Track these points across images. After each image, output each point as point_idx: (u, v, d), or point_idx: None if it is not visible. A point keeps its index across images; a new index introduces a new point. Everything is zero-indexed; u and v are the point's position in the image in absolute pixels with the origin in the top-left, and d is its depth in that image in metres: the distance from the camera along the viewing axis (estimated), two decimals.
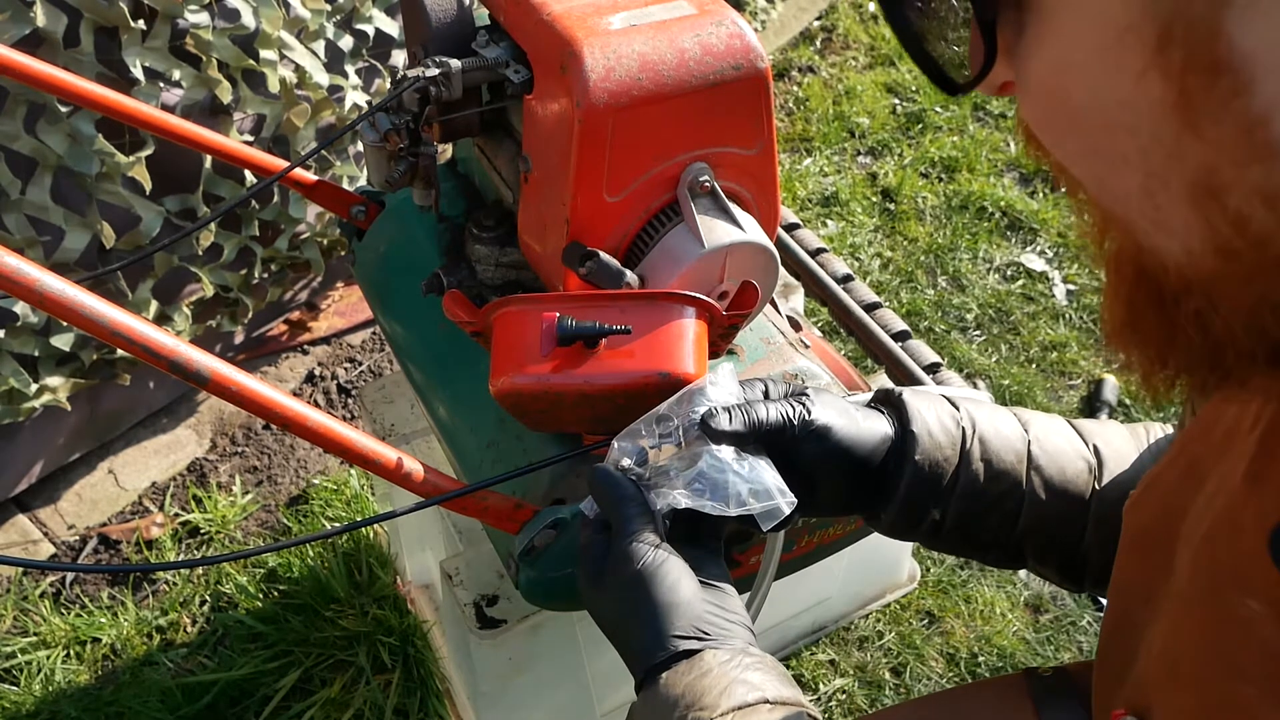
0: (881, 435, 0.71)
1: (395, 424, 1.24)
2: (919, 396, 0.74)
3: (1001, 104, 2.58)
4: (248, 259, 1.72)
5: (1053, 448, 0.74)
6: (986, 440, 0.73)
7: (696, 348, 0.72)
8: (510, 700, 1.07)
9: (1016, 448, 0.73)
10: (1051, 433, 0.75)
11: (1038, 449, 0.73)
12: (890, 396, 0.75)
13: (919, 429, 0.71)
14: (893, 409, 0.73)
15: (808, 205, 2.31)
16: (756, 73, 0.77)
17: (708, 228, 0.77)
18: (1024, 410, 0.78)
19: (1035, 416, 0.77)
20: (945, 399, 0.76)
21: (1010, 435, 0.74)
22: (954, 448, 0.71)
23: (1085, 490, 0.73)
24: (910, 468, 0.70)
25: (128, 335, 0.62)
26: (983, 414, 0.75)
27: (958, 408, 0.74)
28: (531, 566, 0.80)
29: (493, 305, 0.74)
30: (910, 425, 0.71)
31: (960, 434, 0.72)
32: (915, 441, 0.70)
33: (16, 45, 1.26)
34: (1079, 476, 0.73)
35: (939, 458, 0.71)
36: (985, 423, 0.74)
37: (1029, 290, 2.12)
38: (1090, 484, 0.73)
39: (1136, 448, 0.76)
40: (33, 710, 1.44)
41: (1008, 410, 0.77)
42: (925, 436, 0.71)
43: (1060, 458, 0.73)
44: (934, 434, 0.71)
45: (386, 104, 0.83)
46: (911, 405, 0.72)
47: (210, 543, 1.67)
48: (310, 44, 1.64)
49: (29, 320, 1.44)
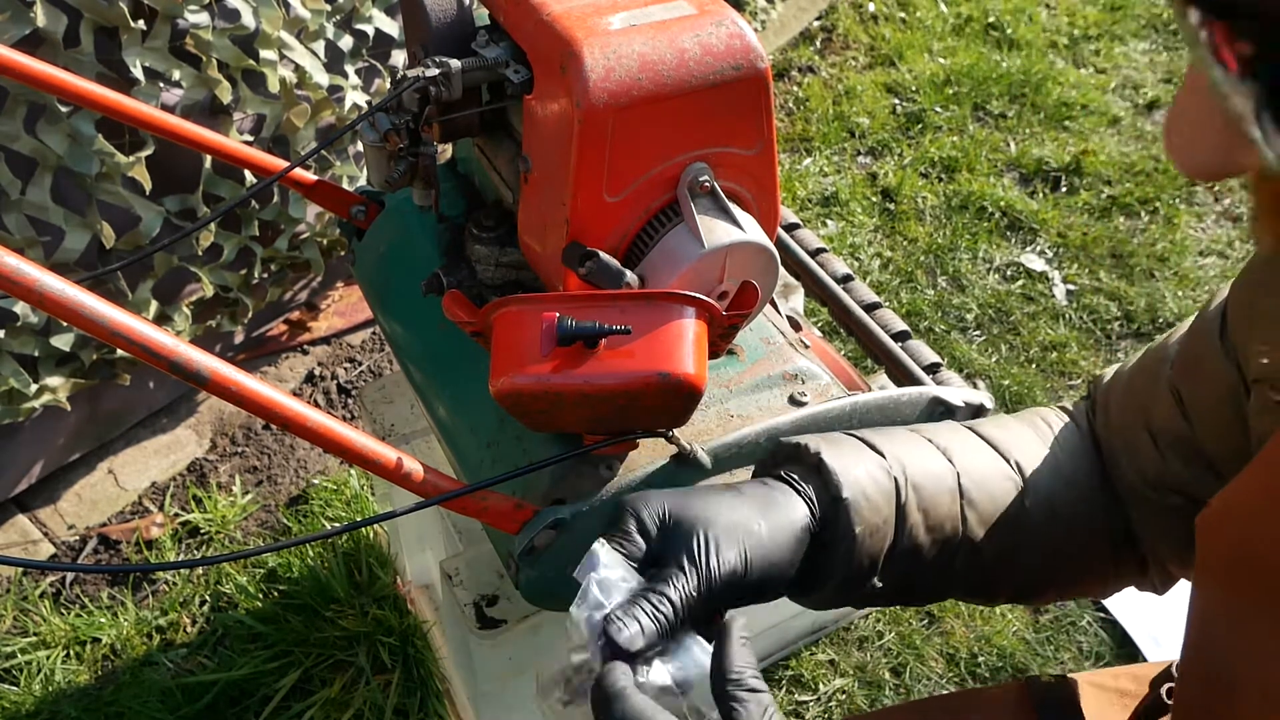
0: (798, 532, 0.62)
1: (395, 424, 1.24)
2: (837, 452, 0.65)
3: (1001, 104, 2.58)
4: (248, 259, 1.72)
5: (980, 475, 0.69)
6: (920, 487, 0.66)
7: (696, 348, 0.72)
8: (510, 700, 1.07)
9: (948, 484, 0.68)
10: (973, 456, 0.70)
11: (967, 481, 0.68)
12: (802, 455, 0.66)
13: (852, 495, 0.63)
14: (811, 474, 0.65)
15: (808, 205, 2.31)
16: (756, 73, 0.77)
17: (708, 228, 0.77)
18: (936, 430, 0.73)
19: (951, 440, 0.71)
20: (859, 440, 0.68)
21: (939, 471, 0.68)
22: (890, 505, 0.65)
23: (1016, 513, 0.70)
24: (845, 545, 0.62)
25: (128, 335, 0.62)
26: (906, 453, 0.68)
27: (880, 452, 0.67)
28: (531, 566, 0.80)
29: (493, 305, 0.74)
30: (843, 493, 0.63)
31: (893, 486, 0.65)
32: (851, 512, 0.62)
33: (16, 45, 1.26)
34: (1007, 497, 0.69)
35: (877, 521, 0.64)
36: (913, 465, 0.67)
37: (1029, 290, 2.12)
38: (1019, 504, 0.70)
39: (1043, 445, 0.74)
40: (33, 710, 1.44)
41: (918, 437, 0.71)
42: (861, 501, 0.63)
43: (989, 485, 0.69)
44: (869, 496, 0.64)
45: (386, 104, 0.83)
46: (836, 468, 0.64)
47: (210, 543, 1.67)
48: (310, 44, 1.64)
49: (29, 320, 1.44)
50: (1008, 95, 2.61)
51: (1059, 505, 0.72)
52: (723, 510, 0.61)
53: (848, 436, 0.70)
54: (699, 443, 0.81)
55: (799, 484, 0.65)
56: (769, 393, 0.88)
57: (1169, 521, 0.71)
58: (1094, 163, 2.41)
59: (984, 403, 0.94)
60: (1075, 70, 2.74)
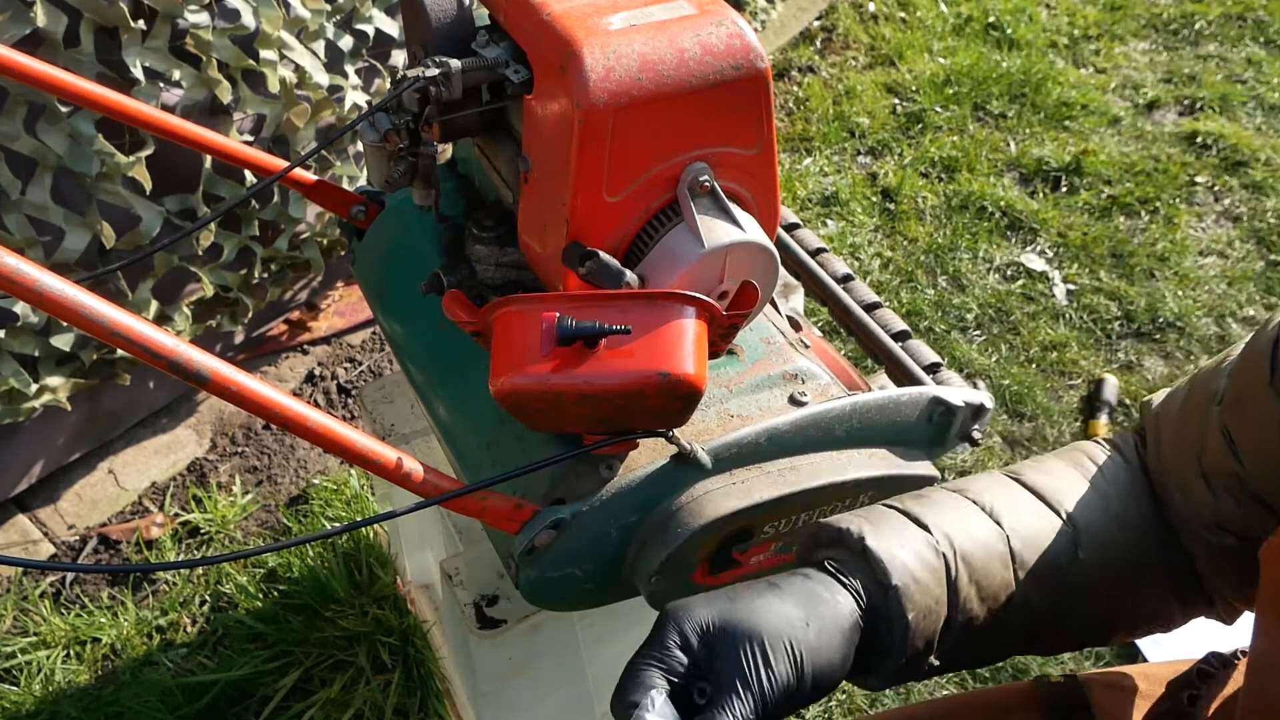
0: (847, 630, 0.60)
1: (395, 424, 1.24)
2: (881, 532, 0.63)
3: (1001, 104, 2.58)
4: (248, 259, 1.72)
5: (1029, 532, 0.67)
6: (970, 559, 0.64)
7: (696, 348, 0.72)
8: (510, 700, 1.07)
9: (998, 549, 0.65)
10: (1022, 514, 0.68)
11: (1018, 542, 0.66)
12: (844, 539, 0.63)
13: (902, 581, 0.60)
14: (856, 560, 0.62)
15: (808, 205, 2.31)
16: (756, 73, 0.77)
17: (708, 228, 0.77)
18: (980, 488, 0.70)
19: (996, 498, 0.69)
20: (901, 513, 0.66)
21: (987, 538, 0.66)
22: (941, 585, 0.63)
23: (1070, 566, 0.68)
24: (898, 632, 0.60)
25: (128, 335, 0.62)
26: (952, 522, 0.66)
27: (926, 527, 0.65)
28: (531, 566, 0.80)
29: (493, 305, 0.74)
30: (891, 580, 0.60)
31: (943, 564, 0.63)
32: (903, 599, 0.60)
33: (16, 45, 1.26)
34: (1061, 553, 0.67)
35: (929, 603, 0.61)
36: (960, 535, 0.65)
37: (1029, 290, 2.12)
38: (1073, 556, 0.68)
39: (1091, 487, 0.71)
40: (33, 710, 1.44)
41: (961, 500, 0.69)
42: (912, 586, 0.61)
43: (1040, 542, 0.67)
44: (919, 578, 0.61)
45: (386, 104, 0.83)
46: (882, 553, 0.61)
47: (210, 543, 1.67)
48: (310, 44, 1.64)
49: (29, 320, 1.44)
50: (1008, 95, 2.61)
51: (1114, 551, 0.69)
52: (769, 616, 0.58)
53: (890, 512, 0.67)
54: (699, 443, 0.81)
55: (844, 576, 0.62)
56: (769, 393, 0.88)
57: (1226, 560, 0.68)
58: (1094, 163, 2.41)
59: (984, 403, 0.94)
60: (1075, 70, 2.74)
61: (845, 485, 0.85)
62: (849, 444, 0.88)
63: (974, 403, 0.93)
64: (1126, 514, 0.71)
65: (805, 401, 0.86)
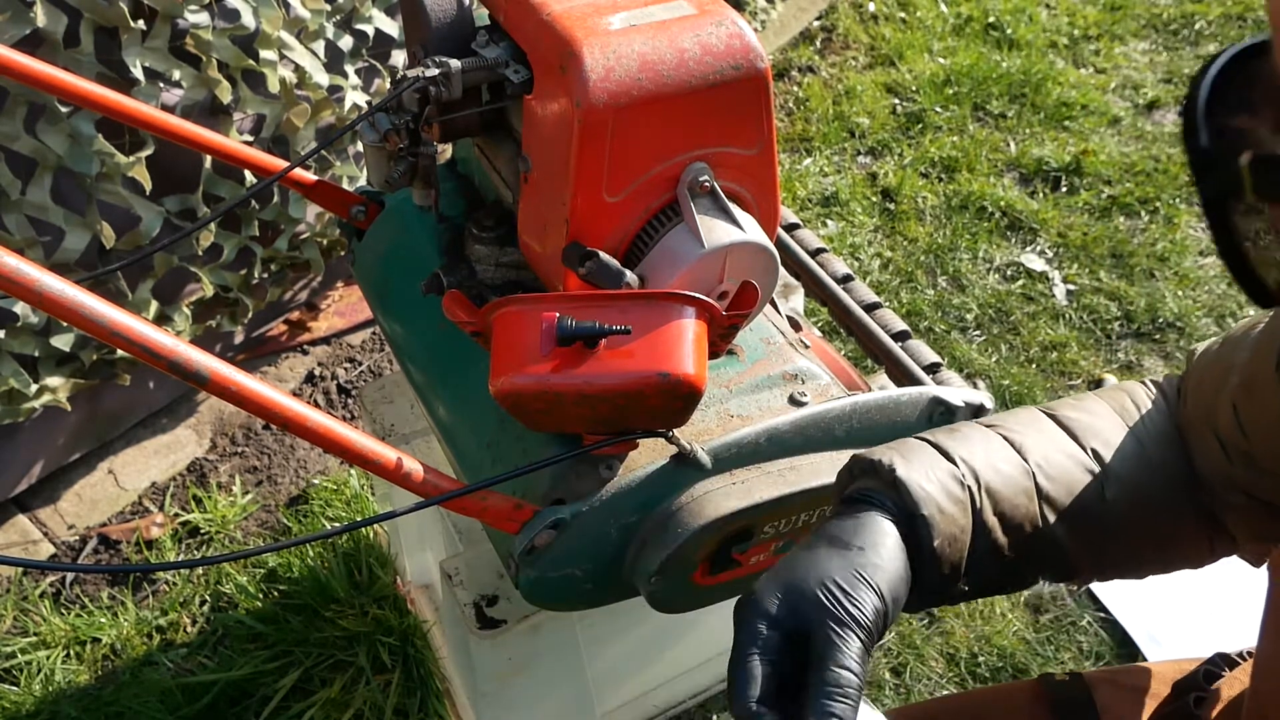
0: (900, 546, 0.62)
1: (395, 424, 1.24)
2: (911, 463, 0.66)
3: (1001, 104, 2.58)
4: (248, 259, 1.72)
5: (1057, 470, 0.69)
6: (994, 491, 0.67)
7: (696, 348, 0.72)
8: (510, 700, 1.07)
9: (1023, 484, 0.68)
10: (1051, 451, 0.70)
11: (1044, 479, 0.68)
12: (877, 469, 0.66)
13: (929, 511, 0.63)
14: (885, 486, 0.65)
15: (808, 205, 2.31)
16: (756, 73, 0.77)
17: (708, 228, 0.77)
18: (1012, 424, 0.72)
19: (1026, 433, 0.71)
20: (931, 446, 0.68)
21: (1013, 473, 0.68)
22: (966, 515, 0.65)
23: (1097, 503, 0.69)
24: (928, 557, 0.63)
25: (127, 335, 0.62)
26: (979, 457, 0.68)
27: (953, 459, 0.67)
28: (531, 566, 0.80)
29: (493, 305, 0.74)
30: (919, 509, 0.63)
31: (968, 495, 0.66)
32: (929, 527, 0.63)
33: (16, 45, 1.26)
34: (1089, 492, 0.69)
35: (954, 532, 0.64)
36: (986, 469, 0.67)
37: (1029, 290, 2.12)
38: (1099, 493, 0.69)
39: (1128, 429, 0.72)
40: (33, 710, 1.44)
41: (995, 434, 0.71)
42: (937, 516, 0.63)
43: (1066, 478, 0.69)
44: (945, 509, 0.64)
45: (386, 104, 0.83)
46: (911, 482, 0.64)
47: (210, 543, 1.67)
48: (310, 44, 1.64)
49: (29, 320, 1.44)
50: (1008, 95, 2.61)
51: (1145, 492, 0.70)
52: (830, 558, 0.60)
53: (920, 444, 0.69)
54: (699, 443, 0.81)
55: (879, 500, 0.65)
56: (769, 393, 0.88)
57: (1241, 514, 0.69)
58: (1094, 163, 2.41)
59: (984, 403, 0.94)
60: (1075, 70, 2.74)
61: None
62: (849, 444, 0.88)
63: (974, 403, 0.93)
64: (1160, 459, 0.71)
65: (805, 401, 0.86)
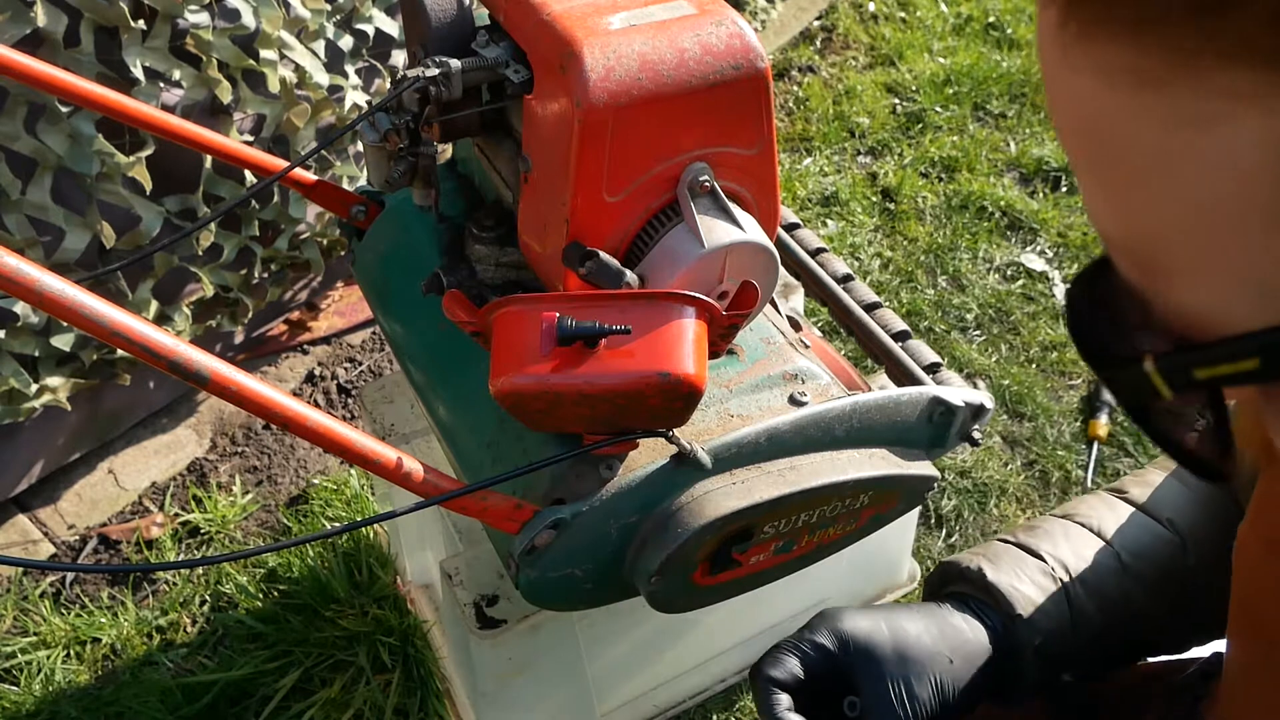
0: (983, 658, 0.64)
1: (395, 424, 1.24)
2: (1001, 568, 0.68)
3: (1001, 104, 2.58)
4: (248, 259, 1.72)
5: (1138, 546, 0.70)
6: (1086, 581, 0.68)
7: (696, 348, 0.72)
8: (510, 700, 1.07)
9: (1111, 566, 0.69)
10: (1128, 528, 0.71)
11: (1129, 557, 0.69)
12: (967, 575, 0.68)
13: (1025, 610, 0.65)
14: (978, 591, 0.67)
15: (808, 205, 2.31)
16: (756, 72, 0.77)
17: (708, 228, 0.77)
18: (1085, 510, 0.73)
19: (1103, 516, 0.72)
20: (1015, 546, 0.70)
21: (1099, 557, 0.69)
22: (1062, 608, 0.67)
23: (1181, 571, 0.70)
24: (1029, 656, 0.65)
25: (128, 335, 0.62)
26: (1064, 549, 0.70)
27: (1040, 555, 0.69)
28: (531, 566, 0.80)
29: (493, 305, 0.74)
30: (1015, 610, 0.65)
31: (1062, 590, 0.67)
32: (1030, 628, 0.64)
33: (17, 45, 1.26)
34: (1171, 560, 0.70)
35: (1052, 626, 0.66)
36: (1074, 559, 0.69)
37: (1029, 290, 2.12)
38: (1182, 561, 0.70)
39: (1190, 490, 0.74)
40: (33, 710, 1.44)
41: (1073, 524, 0.72)
42: (1036, 615, 0.65)
43: (1148, 553, 0.70)
44: (1040, 606, 0.66)
45: (386, 104, 0.83)
46: (1003, 586, 0.66)
47: (210, 543, 1.67)
48: (310, 44, 1.64)
49: (29, 320, 1.44)
50: (1008, 95, 2.61)
51: (1218, 546, 0.70)
52: (917, 646, 0.63)
53: (1005, 546, 0.71)
54: (699, 443, 0.81)
55: (975, 606, 0.67)
56: (769, 393, 0.88)
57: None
58: None
59: (984, 403, 0.94)
60: None
61: (845, 485, 0.85)
62: (849, 444, 0.88)
63: (974, 403, 0.93)
64: (1226, 510, 0.72)
65: (805, 401, 0.86)
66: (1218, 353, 0.28)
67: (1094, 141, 0.30)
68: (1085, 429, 1.86)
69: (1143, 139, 0.28)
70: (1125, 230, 0.31)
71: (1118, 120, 0.28)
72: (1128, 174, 0.29)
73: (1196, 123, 0.26)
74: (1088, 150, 0.30)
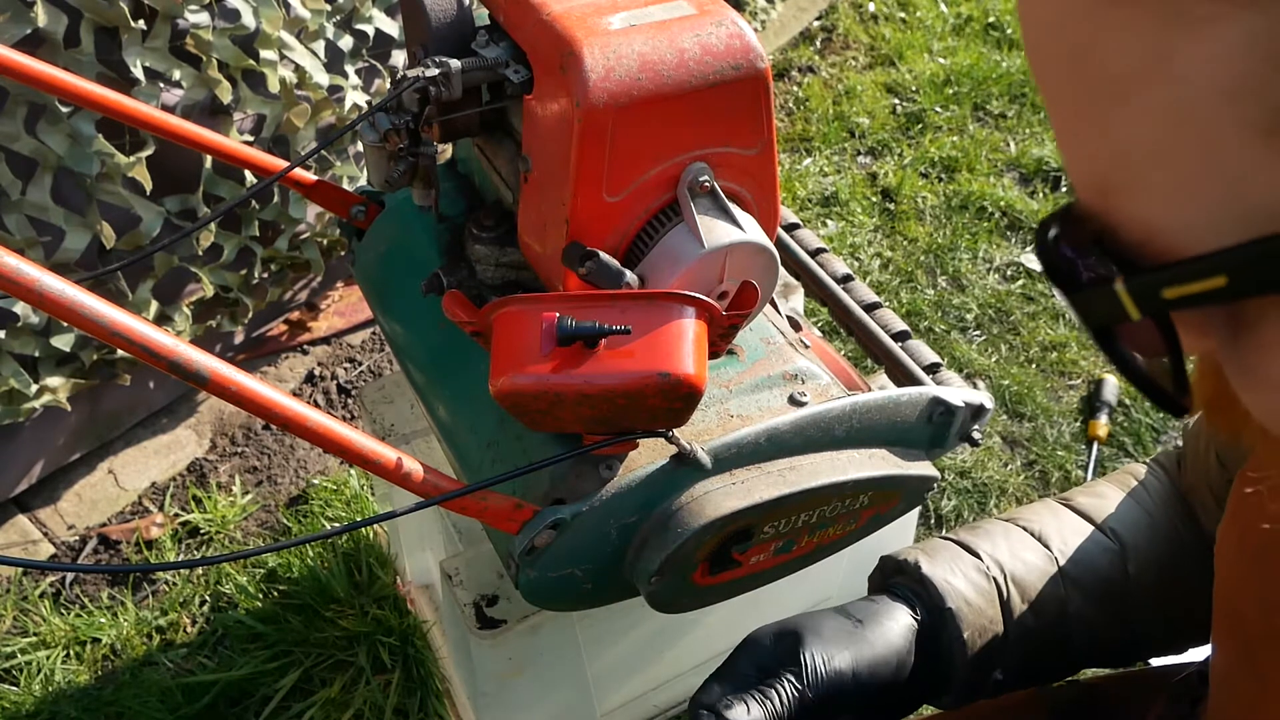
0: (904, 631, 0.64)
1: (395, 424, 1.24)
2: (937, 562, 0.68)
3: (1001, 104, 2.58)
4: (248, 259, 1.72)
5: (1078, 554, 0.70)
6: (1020, 580, 0.68)
7: (696, 348, 0.72)
8: (510, 700, 1.07)
9: (1048, 571, 0.69)
10: (1069, 535, 0.71)
11: (1067, 564, 0.70)
12: (904, 568, 0.69)
13: (955, 604, 0.65)
14: (913, 583, 0.68)
15: (808, 205, 2.31)
16: (756, 73, 0.77)
17: (708, 228, 0.77)
18: (1029, 515, 0.74)
19: (1045, 521, 0.73)
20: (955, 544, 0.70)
21: (1037, 560, 0.70)
22: (994, 605, 0.67)
23: (1122, 581, 0.70)
24: (958, 649, 0.65)
25: (127, 335, 0.62)
26: (1002, 549, 0.70)
27: (977, 554, 0.69)
28: (531, 566, 0.80)
29: (493, 305, 0.74)
30: (945, 603, 0.65)
31: (994, 587, 0.68)
32: (956, 620, 0.65)
33: (17, 45, 1.26)
34: (1111, 569, 0.70)
35: (983, 624, 0.66)
36: (1010, 560, 0.69)
37: (1029, 290, 2.12)
38: (1123, 571, 0.71)
39: (1138, 505, 0.74)
40: (33, 710, 1.44)
41: (1015, 527, 0.73)
42: (964, 609, 0.66)
43: (1087, 560, 0.70)
44: (971, 601, 0.66)
45: (386, 104, 0.83)
46: (936, 578, 0.66)
47: (210, 543, 1.67)
48: (310, 44, 1.64)
49: (29, 321, 1.44)
50: (1008, 95, 2.61)
51: (1167, 567, 0.72)
52: (825, 622, 0.64)
53: (945, 543, 0.72)
54: (699, 443, 0.81)
55: (904, 595, 0.68)
56: (769, 393, 0.88)
57: None
58: None
59: (984, 403, 0.94)
60: None
61: (845, 485, 0.85)
62: (849, 444, 0.88)
63: (974, 403, 0.93)
64: (1173, 531, 0.73)
65: (805, 401, 0.86)
66: (1186, 270, 0.28)
67: (1072, 58, 0.29)
68: (1085, 429, 1.86)
69: (1127, 47, 0.27)
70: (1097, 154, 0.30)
71: (1101, 29, 0.28)
72: (1107, 89, 0.28)
73: (1184, 24, 0.26)
74: (1065, 70, 0.30)
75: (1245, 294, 0.27)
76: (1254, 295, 0.27)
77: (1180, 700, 0.73)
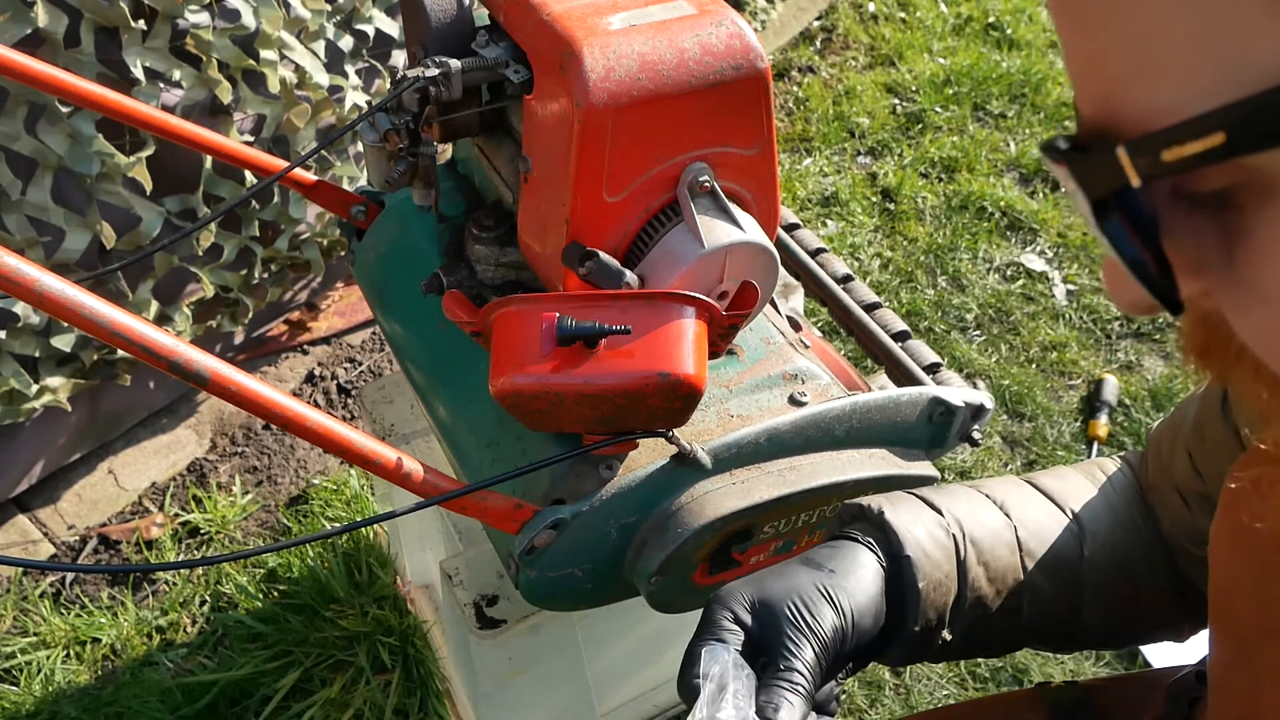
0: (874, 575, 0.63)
1: (395, 424, 1.24)
2: (899, 511, 0.68)
3: (1001, 104, 2.58)
4: (248, 259, 1.72)
5: (1036, 526, 0.70)
6: (978, 542, 0.68)
7: (696, 348, 0.72)
8: (510, 700, 1.07)
9: (1006, 538, 0.69)
10: (1030, 509, 0.72)
11: (1025, 534, 0.70)
12: (867, 514, 0.68)
13: (914, 552, 0.64)
14: (875, 531, 0.66)
15: (808, 205, 2.31)
16: (756, 73, 0.77)
17: (708, 228, 0.77)
18: (994, 486, 0.74)
19: (1008, 493, 0.73)
20: (917, 498, 0.70)
21: (995, 526, 0.69)
22: (950, 561, 0.66)
23: (1076, 561, 0.70)
24: (910, 600, 0.64)
25: (128, 335, 0.62)
26: (963, 509, 0.70)
27: (939, 510, 0.69)
28: (531, 566, 0.80)
29: (493, 305, 0.74)
30: (904, 550, 0.64)
31: (952, 543, 0.67)
32: (914, 568, 0.64)
33: (17, 45, 1.26)
34: (1066, 547, 0.70)
35: (939, 577, 0.65)
36: (970, 521, 0.69)
37: (1029, 290, 2.12)
38: (1078, 552, 0.71)
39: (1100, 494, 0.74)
40: (33, 710, 1.44)
41: (978, 493, 0.73)
42: (922, 559, 0.65)
43: (1046, 535, 0.70)
44: (929, 553, 0.65)
45: (386, 104, 0.83)
46: (898, 525, 0.65)
47: (210, 543, 1.67)
48: (310, 44, 1.64)
49: (30, 321, 1.44)
50: (1008, 95, 2.61)
51: (1120, 552, 0.72)
52: (800, 576, 0.62)
53: (907, 495, 0.71)
54: (699, 443, 0.81)
55: (864, 539, 0.66)
56: (769, 393, 0.88)
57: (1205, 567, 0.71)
58: None
59: (984, 403, 0.94)
60: None
61: (845, 485, 0.85)
62: (849, 444, 0.88)
63: (974, 403, 0.93)
64: (1133, 522, 0.74)
65: (805, 401, 0.86)
66: (1186, 130, 0.29)
67: None
68: (1085, 429, 1.86)
69: None
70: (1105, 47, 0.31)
71: None
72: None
73: None
74: None
75: (1242, 150, 0.28)
76: (1251, 152, 0.28)
77: (1179, 700, 0.73)
